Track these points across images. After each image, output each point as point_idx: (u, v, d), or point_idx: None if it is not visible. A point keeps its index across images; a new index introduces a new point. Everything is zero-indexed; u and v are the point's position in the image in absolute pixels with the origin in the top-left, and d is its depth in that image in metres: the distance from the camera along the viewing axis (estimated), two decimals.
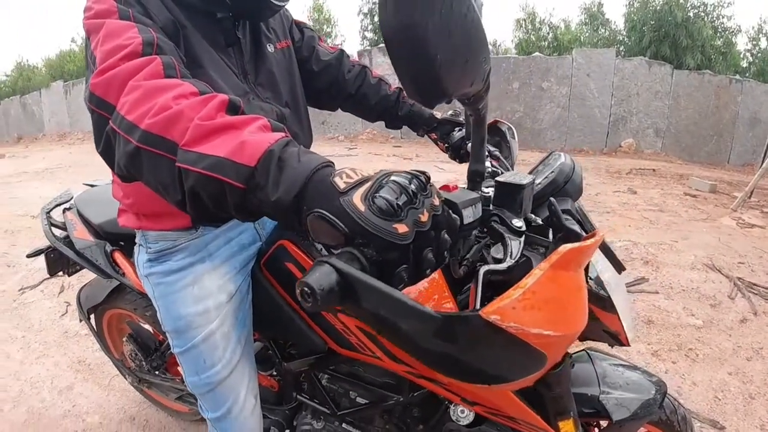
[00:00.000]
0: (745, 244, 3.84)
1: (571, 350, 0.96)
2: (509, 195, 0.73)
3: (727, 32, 15.06)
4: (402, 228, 0.48)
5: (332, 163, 0.57)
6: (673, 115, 9.38)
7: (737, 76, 10.51)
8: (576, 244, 0.51)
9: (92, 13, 0.77)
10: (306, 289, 0.45)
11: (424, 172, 0.55)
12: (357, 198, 0.49)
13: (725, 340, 2.39)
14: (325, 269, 0.46)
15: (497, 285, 0.64)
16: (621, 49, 15.10)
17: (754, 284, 2.98)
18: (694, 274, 3.12)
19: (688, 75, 9.56)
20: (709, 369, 2.16)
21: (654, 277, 3.08)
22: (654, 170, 7.46)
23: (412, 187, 0.52)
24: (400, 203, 0.49)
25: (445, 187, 0.69)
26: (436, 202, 0.54)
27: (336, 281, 0.46)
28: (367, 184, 0.51)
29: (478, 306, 0.55)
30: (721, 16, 14.76)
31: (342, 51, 1.29)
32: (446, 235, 0.54)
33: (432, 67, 0.49)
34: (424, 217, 0.50)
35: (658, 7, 13.99)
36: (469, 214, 0.63)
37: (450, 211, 0.59)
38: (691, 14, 13.85)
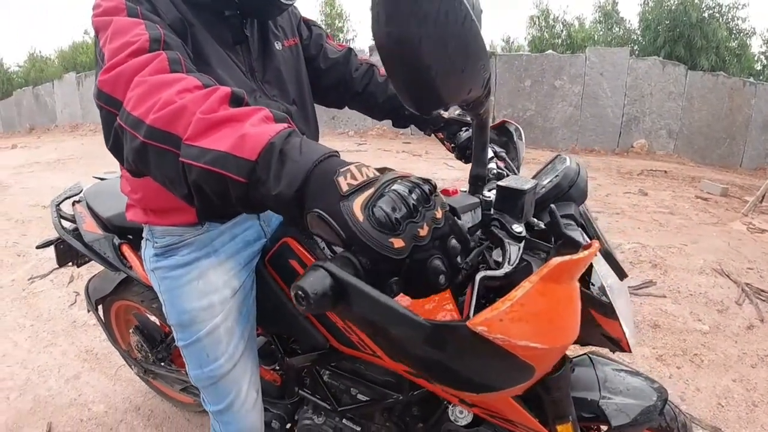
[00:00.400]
0: (754, 249, 3.80)
1: (572, 354, 0.96)
2: (510, 200, 0.72)
3: (741, 34, 14.86)
4: (398, 243, 0.48)
5: (336, 152, 0.56)
6: (686, 117, 9.27)
7: (751, 79, 10.39)
8: (567, 257, 0.51)
9: (101, 10, 0.78)
10: (300, 292, 0.45)
11: (429, 181, 0.54)
12: (357, 206, 0.49)
13: (731, 346, 2.38)
14: (320, 274, 0.46)
15: (498, 288, 0.65)
16: (635, 48, 14.95)
17: (762, 290, 2.94)
18: (703, 279, 3.10)
19: (702, 76, 9.44)
20: (714, 375, 2.14)
21: (662, 280, 3.06)
22: (666, 172, 7.40)
23: (414, 197, 0.51)
24: (399, 216, 0.48)
25: (445, 191, 0.68)
26: (439, 214, 0.52)
27: (330, 286, 0.46)
28: (369, 191, 0.50)
29: (471, 313, 0.55)
30: (735, 18, 14.57)
31: (350, 49, 1.29)
32: (454, 242, 0.53)
33: (427, 77, 0.49)
34: (423, 232, 0.50)
35: (673, 7, 13.82)
36: (468, 219, 0.63)
37: (455, 219, 0.57)
38: (705, 15, 13.67)
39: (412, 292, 0.52)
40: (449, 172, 6.22)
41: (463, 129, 1.28)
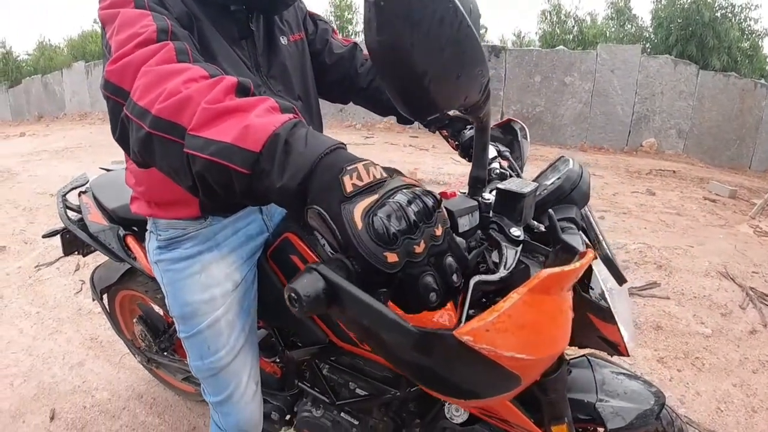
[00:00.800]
0: (760, 253, 3.76)
1: (570, 356, 0.96)
2: (509, 203, 0.72)
3: (754, 35, 14.63)
4: (392, 257, 0.47)
5: (343, 145, 0.55)
6: (697, 117, 9.16)
7: (763, 81, 10.21)
8: (557, 269, 0.51)
9: (108, 3, 0.78)
10: (293, 294, 0.45)
11: (433, 195, 0.52)
12: (358, 211, 0.48)
13: (733, 350, 2.37)
14: (313, 276, 0.46)
15: (496, 290, 0.65)
16: (647, 46, 14.76)
17: (766, 295, 2.92)
18: (707, 282, 3.08)
19: (714, 76, 9.31)
20: (714, 379, 2.14)
21: (666, 282, 3.04)
22: (674, 172, 7.32)
23: (415, 209, 0.49)
24: (397, 231, 0.47)
25: (444, 194, 0.68)
26: (438, 232, 0.51)
27: (322, 289, 0.46)
28: (373, 198, 0.49)
29: (464, 318, 0.55)
30: (748, 18, 14.34)
31: (355, 44, 1.28)
32: (450, 260, 0.52)
33: (421, 84, 0.48)
34: (419, 249, 0.48)
35: (686, 5, 13.63)
36: (465, 223, 0.63)
37: (453, 235, 0.56)
38: (718, 14, 13.46)
39: (403, 305, 0.51)
40: (455, 167, 6.20)
41: (468, 127, 1.27)
